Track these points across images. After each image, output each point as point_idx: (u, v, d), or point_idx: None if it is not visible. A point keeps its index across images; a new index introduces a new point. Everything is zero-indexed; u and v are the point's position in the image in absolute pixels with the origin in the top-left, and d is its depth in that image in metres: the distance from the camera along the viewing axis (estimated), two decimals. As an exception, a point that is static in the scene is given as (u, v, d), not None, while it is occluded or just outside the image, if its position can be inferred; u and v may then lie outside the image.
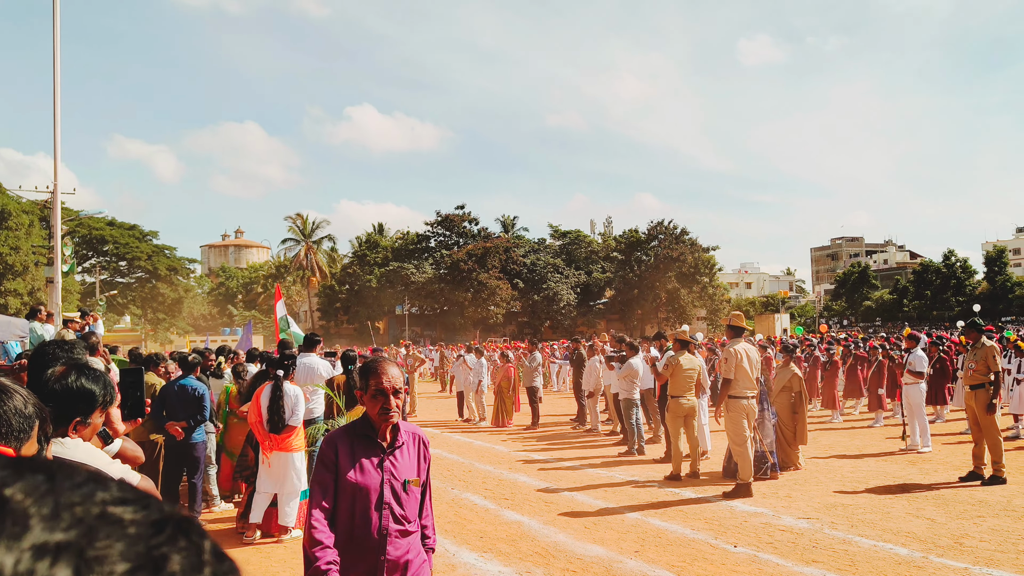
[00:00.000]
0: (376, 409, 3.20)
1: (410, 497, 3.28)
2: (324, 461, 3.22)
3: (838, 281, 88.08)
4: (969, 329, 10.60)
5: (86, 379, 2.50)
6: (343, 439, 3.25)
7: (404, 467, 3.28)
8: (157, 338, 68.00)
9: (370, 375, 3.23)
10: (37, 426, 1.80)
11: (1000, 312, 65.63)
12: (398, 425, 3.30)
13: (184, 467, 8.71)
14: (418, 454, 3.36)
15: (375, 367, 3.23)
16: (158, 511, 0.54)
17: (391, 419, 3.21)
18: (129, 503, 0.53)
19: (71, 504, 0.51)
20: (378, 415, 3.21)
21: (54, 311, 16.69)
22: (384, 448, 3.25)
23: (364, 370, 3.25)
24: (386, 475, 3.22)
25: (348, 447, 3.22)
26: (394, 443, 3.28)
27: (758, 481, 9.95)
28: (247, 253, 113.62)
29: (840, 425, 16.09)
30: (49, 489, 0.51)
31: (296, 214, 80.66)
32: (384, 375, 3.20)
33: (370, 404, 3.22)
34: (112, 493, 0.53)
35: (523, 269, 67.86)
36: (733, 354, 9.70)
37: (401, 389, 3.24)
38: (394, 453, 3.26)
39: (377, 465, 3.22)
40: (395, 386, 3.20)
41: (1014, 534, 7.37)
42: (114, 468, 2.60)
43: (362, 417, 3.31)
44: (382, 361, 3.27)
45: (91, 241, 67.00)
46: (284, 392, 7.90)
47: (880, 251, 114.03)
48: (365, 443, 3.24)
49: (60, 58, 18.44)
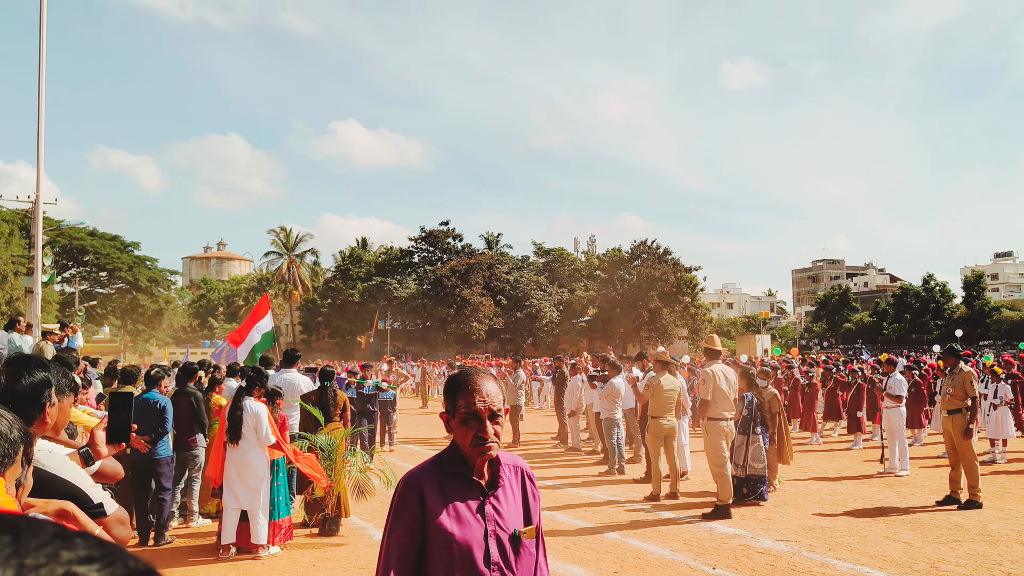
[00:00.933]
0: (468, 438, 2.44)
1: (523, 553, 2.51)
2: (405, 510, 2.42)
3: (819, 303, 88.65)
4: (947, 354, 10.72)
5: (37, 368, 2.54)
6: (429, 478, 2.46)
7: (510, 512, 2.52)
8: (136, 349, 67.50)
9: (458, 392, 2.49)
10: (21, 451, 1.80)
11: (978, 336, 66.22)
12: (498, 457, 2.55)
13: (150, 482, 8.56)
14: (523, 492, 2.61)
15: (465, 382, 2.50)
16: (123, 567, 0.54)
17: (488, 452, 2.44)
18: (94, 561, 0.53)
19: (36, 566, 0.51)
20: (471, 447, 2.43)
21: (33, 322, 16.54)
22: (483, 488, 2.48)
23: (451, 385, 2.53)
24: (490, 525, 2.45)
25: (437, 489, 2.44)
26: (495, 481, 2.52)
27: (750, 505, 9.99)
28: (229, 266, 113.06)
29: (819, 447, 16.17)
30: (14, 552, 0.52)
31: (280, 227, 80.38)
32: (477, 393, 2.46)
33: (459, 431, 2.47)
34: (77, 551, 0.54)
35: (506, 286, 67.90)
36: (710, 376, 9.83)
37: (500, 411, 2.51)
38: (496, 494, 2.50)
39: (477, 511, 2.45)
40: (492, 407, 2.46)
41: (990, 559, 7.43)
42: (95, 492, 2.60)
43: (450, 449, 2.54)
44: (474, 374, 2.53)
45: (72, 251, 66.42)
46: (243, 408, 7.88)
47: (861, 274, 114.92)
48: (458, 483, 2.47)
49: (45, 68, 18.37)
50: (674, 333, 63.83)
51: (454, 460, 2.49)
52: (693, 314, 65.71)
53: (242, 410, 7.86)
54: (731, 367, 10.86)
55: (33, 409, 2.47)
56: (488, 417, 2.43)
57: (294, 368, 11.21)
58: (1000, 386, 14.12)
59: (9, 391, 2.44)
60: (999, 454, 13.74)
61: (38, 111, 18.37)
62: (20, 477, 1.84)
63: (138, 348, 67.79)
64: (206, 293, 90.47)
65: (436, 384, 35.67)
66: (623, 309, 64.20)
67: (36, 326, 16.65)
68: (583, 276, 72.53)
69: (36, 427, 2.48)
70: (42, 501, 2.18)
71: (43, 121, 18.42)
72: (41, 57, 18.36)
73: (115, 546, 0.59)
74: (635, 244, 66.66)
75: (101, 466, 2.94)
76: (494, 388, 2.50)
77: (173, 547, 8.51)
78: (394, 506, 2.46)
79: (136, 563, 0.56)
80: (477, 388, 2.45)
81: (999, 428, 13.77)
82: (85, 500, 2.50)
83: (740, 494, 10.14)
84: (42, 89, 18.38)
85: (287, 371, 11.01)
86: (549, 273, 72.83)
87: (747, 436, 10.41)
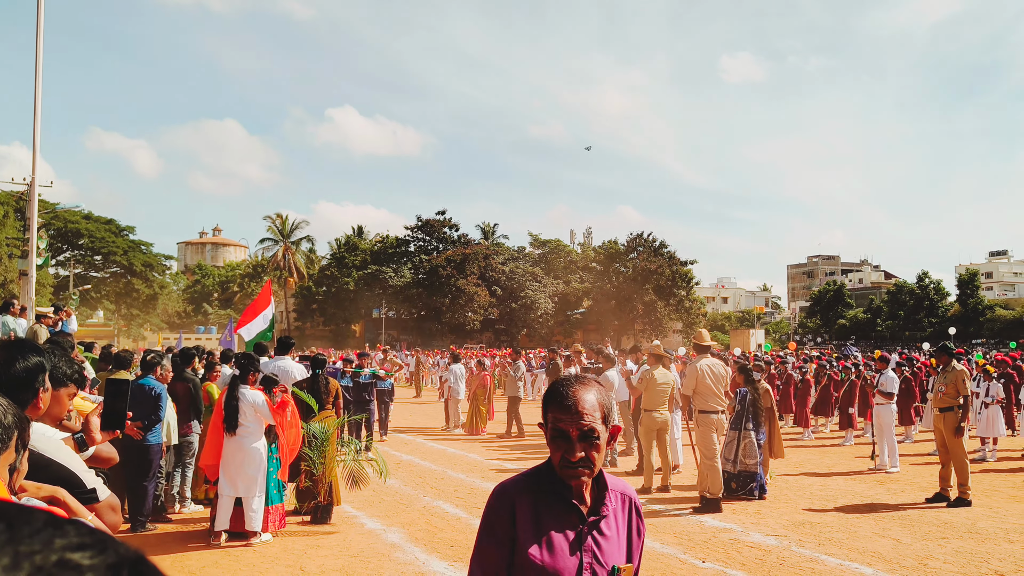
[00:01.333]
0: (556, 459, 2.11)
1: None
2: (494, 527, 2.15)
3: (813, 299, 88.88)
4: (939, 352, 10.76)
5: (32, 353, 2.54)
6: (523, 495, 2.16)
7: (611, 546, 2.19)
8: (130, 334, 67.38)
9: (549, 404, 2.14)
10: (16, 436, 1.81)
11: (971, 335, 66.50)
12: (604, 480, 2.20)
13: (138, 470, 8.45)
14: (629, 526, 2.28)
15: (558, 392, 2.13)
16: (114, 554, 0.56)
17: (580, 479, 2.11)
18: (87, 548, 0.55)
19: (31, 552, 0.53)
20: (559, 468, 2.11)
21: (27, 305, 16.51)
22: (584, 515, 2.15)
23: (546, 394, 2.19)
24: (586, 557, 2.13)
25: (530, 509, 2.14)
26: (598, 507, 2.17)
27: (743, 500, 10.03)
28: (224, 251, 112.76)
29: (811, 443, 16.24)
30: (9, 538, 0.54)
31: (275, 214, 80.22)
32: (569, 407, 2.08)
33: (550, 448, 2.14)
34: (69, 539, 0.55)
35: (502, 276, 67.93)
36: (695, 371, 9.97)
37: (596, 430, 2.08)
38: (599, 523, 2.17)
39: (574, 541, 2.12)
40: (586, 426, 2.07)
41: (977, 556, 7.48)
42: (88, 477, 2.60)
43: (548, 463, 2.18)
44: (572, 384, 2.14)
45: (66, 234, 66.20)
46: (240, 396, 7.89)
47: (855, 270, 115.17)
48: (554, 504, 2.14)
49: (42, 51, 18.28)
50: (668, 327, 63.99)
51: (552, 477, 2.16)
52: (688, 308, 65.87)
53: (238, 399, 7.86)
54: (721, 360, 10.89)
55: (26, 394, 2.47)
56: (579, 438, 2.07)
57: (288, 355, 11.20)
58: (992, 385, 14.19)
59: (2, 375, 2.44)
60: (989, 452, 13.82)
61: (35, 94, 18.31)
62: (15, 462, 1.85)
63: (132, 333, 67.66)
64: (201, 279, 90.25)
65: (430, 374, 35.71)
66: (618, 302, 64.31)
67: (30, 309, 16.62)
68: (579, 268, 72.69)
69: (28, 412, 2.48)
70: (34, 485, 2.18)
71: (39, 104, 18.37)
72: (38, 39, 18.29)
73: (106, 533, 0.61)
74: (631, 237, 66.83)
75: (96, 450, 2.95)
76: (593, 401, 2.11)
77: (164, 533, 8.53)
78: (484, 522, 2.19)
79: (127, 550, 0.57)
80: (570, 401, 2.09)
81: (990, 427, 13.85)
82: (78, 485, 2.50)
83: (729, 489, 10.18)
84: (39, 72, 18.31)
85: (281, 358, 11.00)
86: (545, 264, 72.95)
87: (739, 432, 10.44)
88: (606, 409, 2.12)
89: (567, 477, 2.10)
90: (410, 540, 8.06)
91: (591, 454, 2.07)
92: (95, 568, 0.54)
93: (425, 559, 7.39)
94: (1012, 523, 8.86)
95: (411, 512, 9.39)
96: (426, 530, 8.51)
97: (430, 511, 9.49)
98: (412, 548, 7.74)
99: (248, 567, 7.16)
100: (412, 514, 9.27)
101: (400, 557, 7.44)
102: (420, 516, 9.19)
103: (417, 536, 8.22)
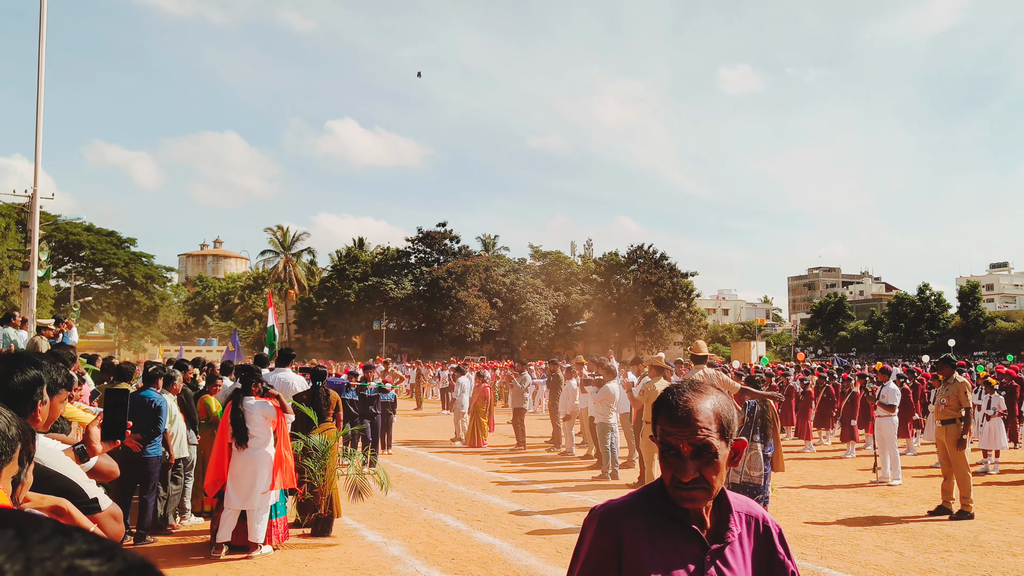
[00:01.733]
0: (668, 476, 1.85)
1: None
2: (596, 560, 1.88)
3: (814, 311, 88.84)
4: (941, 364, 10.75)
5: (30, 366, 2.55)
6: (633, 518, 1.88)
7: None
8: (131, 346, 67.33)
9: (659, 414, 1.88)
10: (19, 448, 1.81)
11: (972, 347, 66.44)
12: (728, 501, 1.91)
13: (137, 482, 8.44)
14: (756, 552, 1.92)
15: (668, 400, 1.87)
16: (122, 561, 0.57)
17: (695, 501, 1.82)
18: (95, 555, 0.56)
19: (41, 559, 0.54)
20: (670, 488, 1.85)
21: (28, 317, 16.53)
22: (705, 543, 1.85)
23: (657, 403, 1.92)
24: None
25: (642, 534, 1.86)
26: (722, 534, 1.87)
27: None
28: (225, 263, 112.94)
29: (812, 455, 16.20)
30: (20, 545, 0.54)
31: (276, 226, 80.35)
32: (682, 418, 1.81)
33: (662, 464, 1.88)
34: (78, 545, 0.56)
35: (502, 288, 67.96)
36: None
37: (713, 445, 1.80)
38: (723, 551, 1.86)
39: (695, 573, 1.83)
40: (700, 440, 1.80)
41: (980, 570, 7.46)
42: (90, 487, 2.60)
43: (661, 482, 1.91)
44: (686, 391, 1.87)
45: (67, 246, 66.22)
46: (245, 409, 7.88)
47: (856, 282, 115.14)
48: (669, 529, 1.85)
49: (44, 63, 18.36)
50: (669, 339, 63.92)
51: (665, 498, 1.87)
52: (688, 320, 65.83)
53: (243, 412, 7.85)
54: (718, 371, 10.87)
55: (24, 407, 2.47)
56: (692, 455, 1.79)
57: (288, 367, 11.20)
58: (993, 397, 14.16)
59: (0, 388, 2.44)
60: (991, 465, 13.78)
61: (37, 107, 18.37)
62: (21, 475, 1.85)
63: (133, 345, 67.62)
64: (202, 291, 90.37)
65: (431, 386, 35.67)
66: (618, 314, 64.29)
67: (31, 321, 16.64)
68: (579, 280, 72.68)
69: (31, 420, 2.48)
70: (37, 496, 2.18)
71: (42, 116, 18.43)
72: (40, 52, 18.37)
73: (113, 541, 0.61)
74: (631, 249, 66.81)
75: (97, 464, 2.95)
76: (709, 411, 1.82)
77: (165, 546, 8.51)
78: (583, 553, 1.91)
79: (134, 557, 0.58)
80: (682, 412, 1.81)
81: (992, 439, 13.81)
82: (80, 495, 2.50)
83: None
84: (41, 84, 18.39)
85: (281, 370, 11.00)
86: (545, 276, 72.94)
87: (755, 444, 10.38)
88: (725, 420, 1.84)
89: (679, 500, 1.82)
90: (411, 553, 8.04)
91: (707, 473, 1.79)
92: (104, 575, 0.54)
93: (426, 572, 7.37)
94: (1015, 536, 8.84)
95: (412, 525, 9.36)
96: (427, 543, 8.48)
97: (431, 524, 9.46)
98: (413, 561, 7.71)
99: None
100: (413, 527, 9.25)
101: (401, 570, 7.42)
102: (421, 529, 9.16)
103: (418, 549, 8.19)
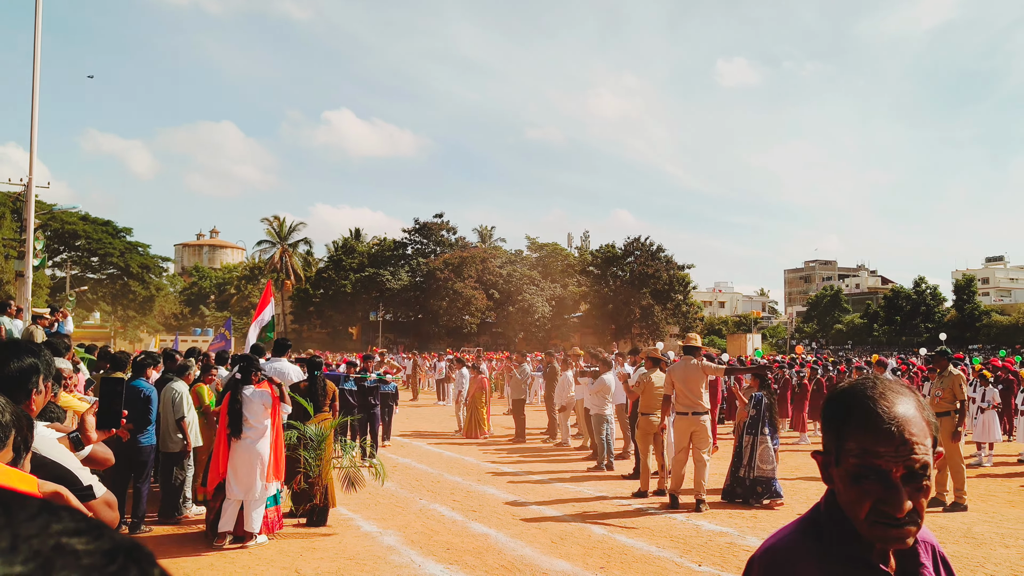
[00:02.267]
0: (862, 508, 1.39)
1: None
2: None
3: (810, 303, 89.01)
4: (937, 357, 10.78)
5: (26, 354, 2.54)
6: (805, 561, 1.45)
7: None
8: (127, 336, 67.28)
9: (847, 424, 1.43)
10: (13, 434, 1.80)
11: (968, 340, 66.56)
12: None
13: (131, 472, 8.49)
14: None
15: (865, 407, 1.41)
16: (109, 540, 0.56)
17: (905, 539, 1.39)
18: (82, 533, 0.55)
19: (28, 536, 0.53)
20: (867, 523, 1.39)
21: (24, 306, 16.49)
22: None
23: (835, 408, 1.47)
24: None
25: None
26: (915, 570, 1.49)
27: (755, 508, 9.97)
28: (221, 253, 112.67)
29: (807, 447, 16.23)
30: (6, 522, 0.54)
31: (273, 216, 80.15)
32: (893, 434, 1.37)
33: (847, 490, 1.42)
34: (65, 524, 0.56)
35: (499, 280, 67.95)
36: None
37: (928, 464, 1.39)
38: None
39: None
40: (918, 461, 1.37)
41: (973, 561, 7.49)
42: (84, 474, 2.60)
43: (831, 511, 1.48)
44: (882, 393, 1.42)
45: (63, 235, 66.01)
46: (243, 399, 7.88)
47: (852, 275, 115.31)
48: (851, 570, 1.43)
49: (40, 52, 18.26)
50: (666, 331, 63.94)
51: (843, 534, 1.44)
52: (685, 312, 65.86)
53: (241, 403, 7.84)
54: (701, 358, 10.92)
55: (19, 395, 2.46)
56: (905, 478, 1.37)
57: (284, 358, 11.20)
58: (988, 390, 14.20)
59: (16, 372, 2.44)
60: (985, 457, 13.84)
61: (32, 95, 18.28)
62: (15, 462, 1.84)
63: (128, 334, 67.55)
64: (198, 281, 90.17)
65: (427, 377, 35.67)
66: (615, 306, 64.27)
67: (26, 310, 16.60)
68: (576, 272, 72.63)
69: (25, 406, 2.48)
70: (35, 484, 2.18)
71: (37, 105, 18.34)
72: (36, 41, 18.26)
73: (101, 521, 0.61)
74: (628, 241, 66.72)
75: (92, 451, 2.95)
76: (921, 421, 1.41)
77: (160, 535, 8.52)
78: None
79: (122, 537, 0.57)
80: (893, 425, 1.37)
81: (986, 431, 13.86)
82: (75, 482, 2.50)
83: (755, 494, 10.14)
84: (36, 73, 18.29)
85: (277, 360, 11.00)
86: (542, 268, 72.94)
87: (755, 437, 10.39)
88: (935, 428, 1.44)
89: (884, 540, 1.40)
90: (406, 543, 8.05)
91: (918, 501, 1.38)
92: (91, 554, 0.54)
93: (421, 562, 7.38)
94: (1008, 528, 8.88)
95: (407, 515, 9.38)
96: (422, 533, 8.50)
97: (426, 514, 9.48)
98: (408, 551, 7.73)
99: (244, 569, 7.14)
100: (408, 517, 9.26)
101: (396, 560, 7.43)
102: (416, 519, 9.18)
103: (413, 539, 8.21)
